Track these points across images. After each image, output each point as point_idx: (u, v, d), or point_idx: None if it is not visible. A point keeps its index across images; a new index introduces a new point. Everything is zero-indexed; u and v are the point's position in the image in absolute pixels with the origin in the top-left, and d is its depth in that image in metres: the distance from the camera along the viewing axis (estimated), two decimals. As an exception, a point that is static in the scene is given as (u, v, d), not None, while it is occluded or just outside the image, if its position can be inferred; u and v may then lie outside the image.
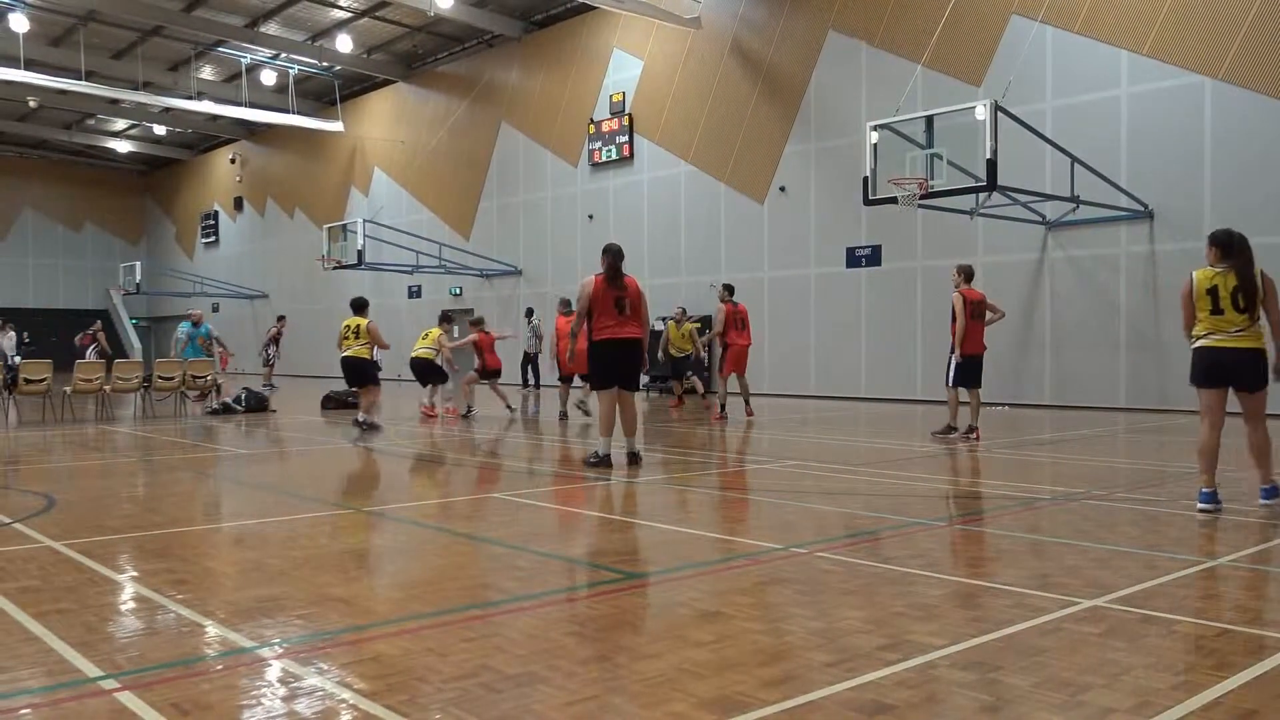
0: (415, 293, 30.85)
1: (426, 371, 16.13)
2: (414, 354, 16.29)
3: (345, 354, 14.22)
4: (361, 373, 14.25)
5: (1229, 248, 6.76)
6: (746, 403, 15.29)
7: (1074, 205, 15.83)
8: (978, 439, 11.64)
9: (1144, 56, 16.23)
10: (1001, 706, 3.11)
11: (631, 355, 9.44)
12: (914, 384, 19.03)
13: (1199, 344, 6.80)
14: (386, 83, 32.56)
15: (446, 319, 17.53)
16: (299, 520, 6.82)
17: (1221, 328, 6.68)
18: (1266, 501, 6.82)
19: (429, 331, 16.64)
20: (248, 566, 5.28)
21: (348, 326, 14.26)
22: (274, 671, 3.55)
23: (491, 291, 28.99)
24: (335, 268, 27.67)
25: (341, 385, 19.35)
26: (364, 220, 27.25)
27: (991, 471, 9.22)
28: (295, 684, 3.39)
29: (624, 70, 25.07)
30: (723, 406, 15.08)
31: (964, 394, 11.94)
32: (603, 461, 9.25)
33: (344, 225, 27.88)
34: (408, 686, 3.32)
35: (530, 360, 23.35)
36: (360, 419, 13.65)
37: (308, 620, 4.18)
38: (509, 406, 16.83)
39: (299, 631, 4.02)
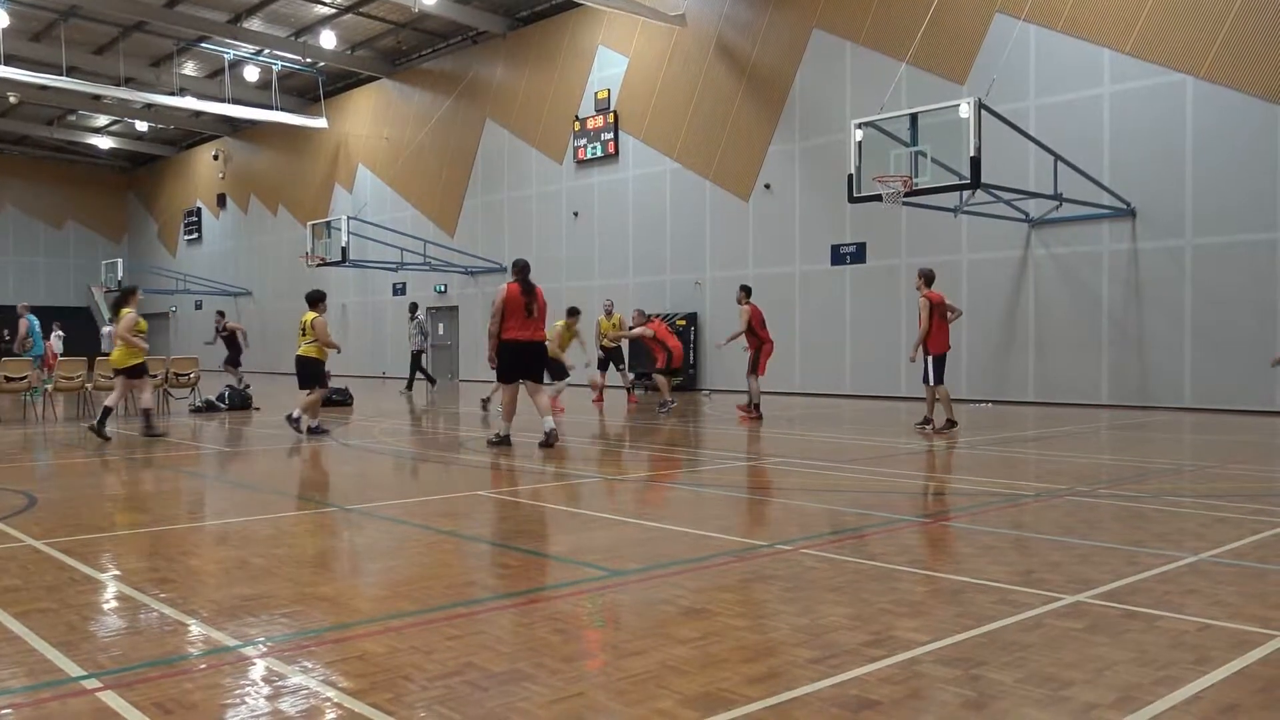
0: (400, 290, 30.76)
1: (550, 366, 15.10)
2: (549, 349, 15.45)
3: (297, 351, 13.35)
4: (305, 373, 13.11)
5: None
6: (758, 404, 14.94)
7: (1057, 203, 15.90)
8: (935, 430, 12.28)
9: (1126, 55, 16.32)
10: (985, 702, 3.13)
11: (537, 354, 11.09)
12: (898, 381, 19.10)
13: None
14: (371, 79, 32.44)
15: (574, 312, 17.06)
16: (283, 518, 6.79)
17: None
18: None
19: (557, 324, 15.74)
20: (231, 565, 5.26)
21: (302, 323, 13.33)
22: (258, 670, 3.54)
23: (476, 289, 28.93)
24: (319, 265, 27.53)
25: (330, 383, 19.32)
26: (348, 217, 27.14)
27: (976, 468, 9.26)
28: (279, 683, 3.38)
29: (609, 67, 25.05)
30: (757, 406, 14.80)
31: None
32: (503, 441, 10.91)
33: (328, 222, 27.75)
34: (393, 685, 3.32)
35: (416, 359, 22.68)
36: (292, 415, 13.02)
37: (292, 619, 4.16)
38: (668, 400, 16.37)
39: (283, 630, 4.00)
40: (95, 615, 4.35)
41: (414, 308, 23.12)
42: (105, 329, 18.08)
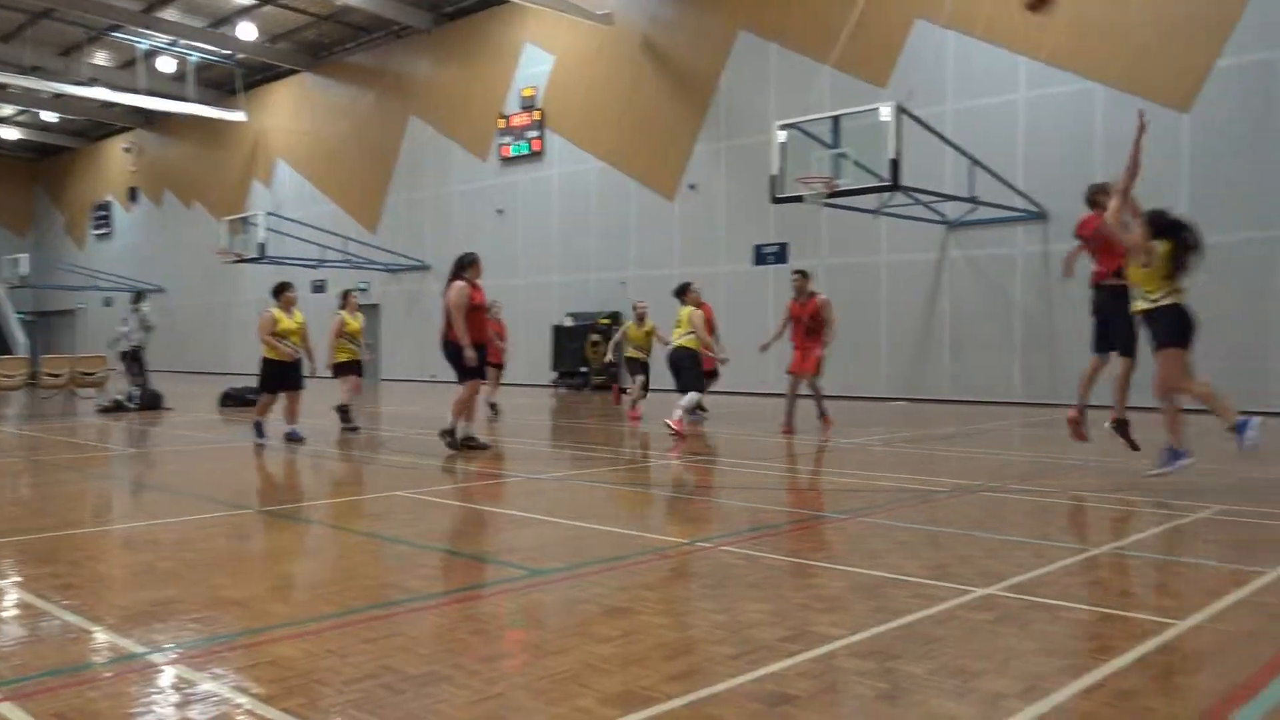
0: (320, 288, 30.22)
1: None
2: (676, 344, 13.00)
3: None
4: (260, 373, 11.82)
5: None
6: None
7: (973, 206, 16.28)
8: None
9: (1041, 63, 16.78)
10: (898, 694, 3.19)
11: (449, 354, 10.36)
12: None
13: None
14: (291, 72, 31.83)
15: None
16: (193, 521, 6.63)
17: None
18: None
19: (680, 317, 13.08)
20: (139, 569, 5.12)
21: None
22: (166, 677, 3.45)
23: (399, 286, 28.58)
24: (235, 261, 26.93)
25: (241, 382, 18.88)
26: (266, 213, 26.60)
27: (892, 465, 9.43)
28: (189, 689, 3.30)
29: (535, 65, 24.95)
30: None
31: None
32: (466, 441, 10.29)
33: (245, 217, 27.16)
34: (307, 689, 3.26)
35: (135, 355, 17.52)
36: (287, 431, 11.50)
37: (202, 624, 4.07)
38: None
39: (193, 635, 3.91)
40: (-5, 623, 4.19)
41: (138, 296, 18.20)
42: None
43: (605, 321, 22.79)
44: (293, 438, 11.30)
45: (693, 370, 12.41)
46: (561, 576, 4.93)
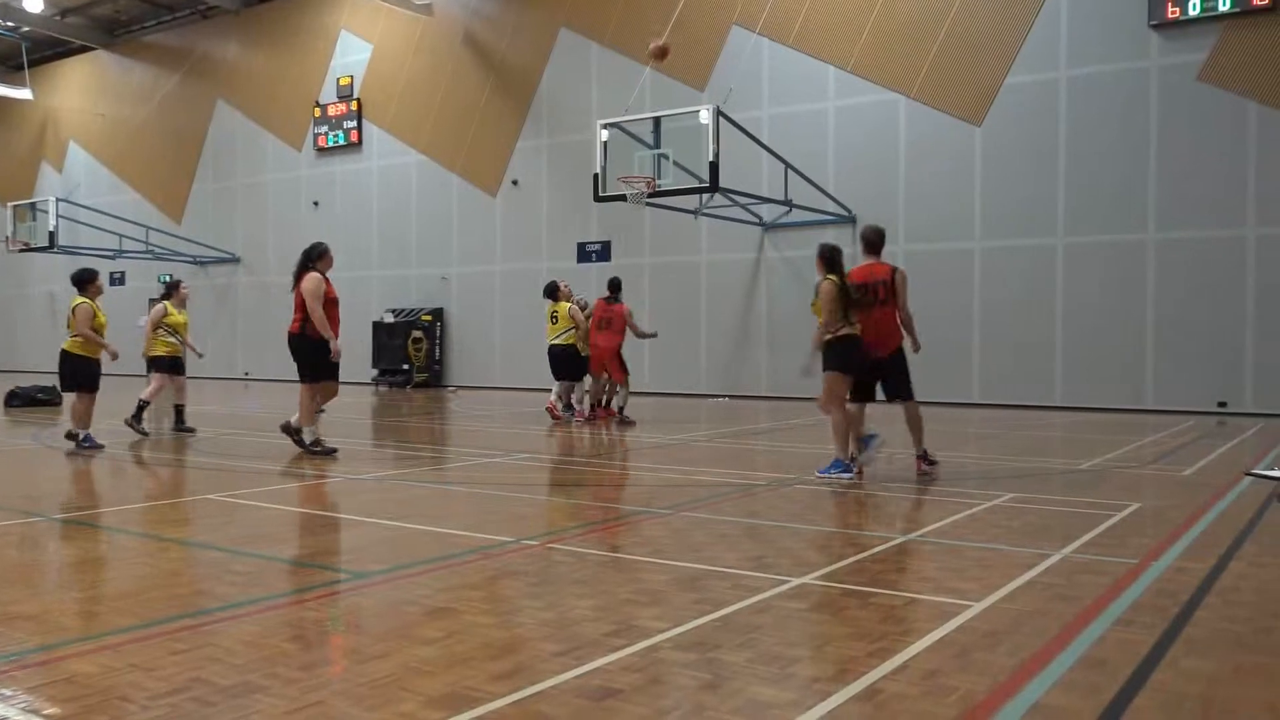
0: (119, 280, 28.39)
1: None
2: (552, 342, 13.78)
3: (62, 345, 10.75)
4: (72, 372, 10.53)
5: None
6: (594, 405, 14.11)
7: (787, 208, 16.88)
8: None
9: (849, 73, 17.56)
10: (720, 683, 3.29)
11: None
12: (642, 376, 19.62)
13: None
14: (85, 49, 29.77)
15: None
16: (-23, 531, 6.12)
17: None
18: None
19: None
20: (-87, 586, 4.69)
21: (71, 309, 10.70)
22: (-54, 701, 3.18)
23: (207, 280, 27.21)
24: (22, 250, 24.95)
25: (29, 380, 17.56)
26: (57, 199, 24.76)
27: (713, 460, 9.68)
28: (-28, 714, 3.05)
29: (352, 54, 24.23)
30: (601, 405, 14.05)
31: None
32: (320, 446, 9.75)
33: (33, 204, 25.20)
34: (108, 707, 3.07)
35: None
36: (73, 433, 10.40)
37: (-12, 642, 3.77)
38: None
39: (-23, 655, 3.62)
40: None
41: None
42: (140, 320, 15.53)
43: (427, 318, 22.40)
44: (86, 444, 10.34)
45: (574, 364, 13.62)
46: (382, 579, 4.82)
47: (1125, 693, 3.22)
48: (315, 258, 9.94)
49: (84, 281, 10.61)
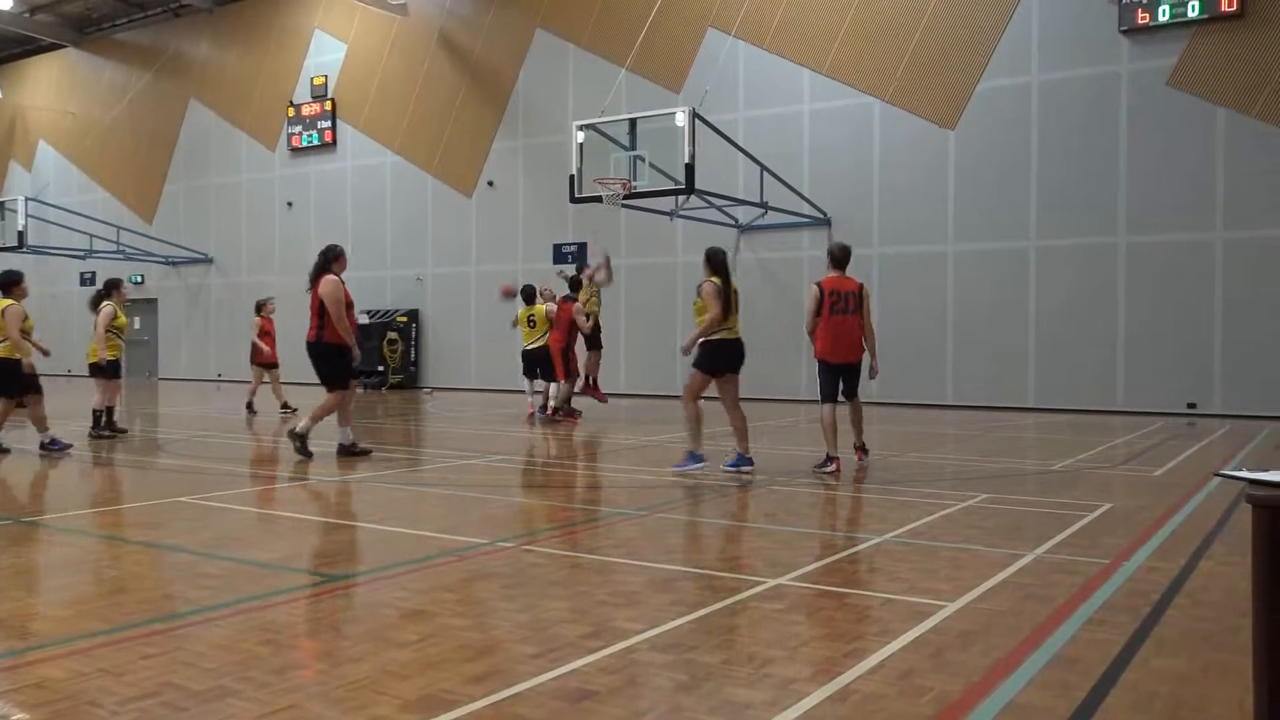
0: (89, 280, 28.09)
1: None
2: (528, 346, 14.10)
3: None
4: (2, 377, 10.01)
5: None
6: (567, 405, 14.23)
7: (763, 210, 16.92)
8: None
9: (824, 76, 17.64)
10: (696, 684, 3.29)
11: (308, 355, 9.67)
12: (618, 378, 19.62)
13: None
14: (54, 47, 29.41)
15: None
16: (-57, 535, 6.04)
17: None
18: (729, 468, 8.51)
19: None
20: (-123, 590, 4.62)
21: None
22: (-89, 708, 3.13)
23: (179, 281, 26.97)
24: (-10, 250, 24.64)
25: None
26: (26, 198, 24.45)
27: (689, 461, 9.68)
28: (-62, 720, 3.01)
29: (326, 53, 24.09)
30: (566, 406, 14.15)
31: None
32: (344, 450, 9.65)
33: (1, 203, 24.88)
34: (78, 712, 3.04)
35: None
36: (44, 442, 10.13)
37: (-46, 647, 3.72)
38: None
39: (-57, 660, 3.57)
40: None
41: None
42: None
43: (402, 320, 22.29)
44: (54, 447, 10.13)
45: (551, 366, 13.89)
46: (357, 581, 4.80)
47: (1097, 691, 3.25)
48: (332, 260, 9.72)
49: (9, 284, 10.17)
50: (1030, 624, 4.00)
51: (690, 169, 14.15)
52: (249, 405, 14.87)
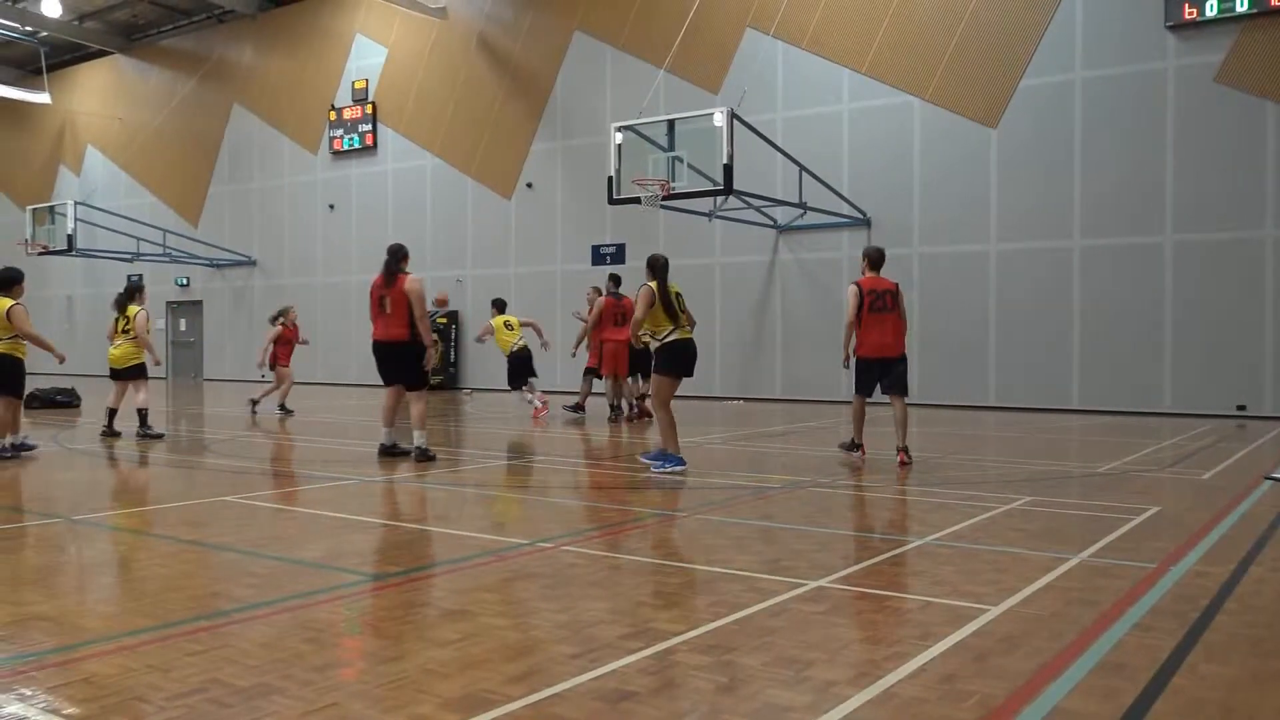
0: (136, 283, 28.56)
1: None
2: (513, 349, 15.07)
3: None
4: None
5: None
6: (632, 404, 14.27)
7: (802, 211, 16.84)
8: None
9: (863, 75, 17.52)
10: (736, 686, 3.28)
11: (386, 355, 9.67)
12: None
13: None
14: (103, 54, 29.97)
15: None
16: (-4, 532, 6.17)
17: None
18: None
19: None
20: (-67, 586, 4.72)
21: None
22: (-35, 701, 3.20)
23: (223, 283, 27.35)
24: (41, 254, 25.15)
25: (47, 383, 17.68)
26: (75, 202, 24.93)
27: (726, 463, 9.66)
28: (-8, 714, 3.07)
29: (367, 57, 24.33)
30: (614, 407, 14.30)
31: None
32: (385, 450, 9.67)
33: (51, 207, 25.39)
34: (126, 707, 3.09)
35: None
36: (15, 443, 9.93)
37: (8, 641, 3.79)
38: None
39: (-4, 655, 3.64)
40: None
41: None
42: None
43: (442, 321, 22.44)
44: (24, 448, 9.99)
45: (530, 367, 15.12)
46: (398, 581, 4.83)
47: (1144, 698, 3.19)
48: (403, 258, 9.77)
49: (9, 283, 9.94)
50: (1075, 629, 3.94)
51: (729, 169, 14.12)
52: (282, 406, 15.11)
